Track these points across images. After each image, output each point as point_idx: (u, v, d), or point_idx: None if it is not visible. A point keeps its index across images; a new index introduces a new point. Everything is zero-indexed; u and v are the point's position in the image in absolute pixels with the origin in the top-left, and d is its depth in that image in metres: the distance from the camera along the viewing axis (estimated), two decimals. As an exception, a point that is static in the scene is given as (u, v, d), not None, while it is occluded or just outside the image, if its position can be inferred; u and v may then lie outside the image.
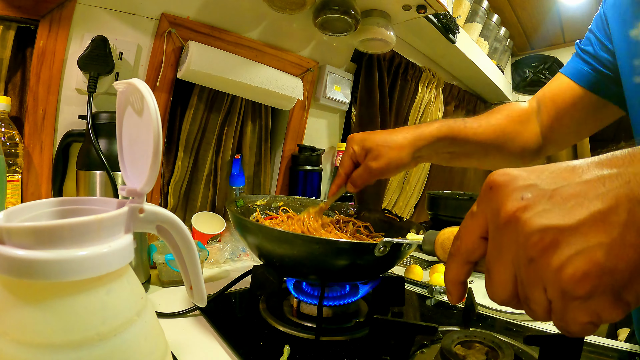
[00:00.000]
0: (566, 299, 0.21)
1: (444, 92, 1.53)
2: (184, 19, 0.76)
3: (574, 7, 1.73)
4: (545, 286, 0.22)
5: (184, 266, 0.32)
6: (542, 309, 0.23)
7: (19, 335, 0.21)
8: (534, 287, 0.22)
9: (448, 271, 0.29)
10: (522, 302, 0.24)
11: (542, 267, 0.21)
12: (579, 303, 0.21)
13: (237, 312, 0.57)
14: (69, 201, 0.29)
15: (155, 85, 0.76)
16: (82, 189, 0.63)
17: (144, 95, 0.26)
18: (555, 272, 0.21)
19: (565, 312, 0.22)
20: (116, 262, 0.24)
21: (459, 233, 0.28)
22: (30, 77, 0.63)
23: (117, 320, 0.24)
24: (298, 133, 1.07)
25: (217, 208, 0.97)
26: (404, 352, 0.40)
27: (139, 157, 0.28)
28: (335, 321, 0.54)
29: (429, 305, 0.66)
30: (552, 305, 0.22)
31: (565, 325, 0.22)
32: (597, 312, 0.21)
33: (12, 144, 0.60)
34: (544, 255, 0.21)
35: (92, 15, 0.67)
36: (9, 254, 0.21)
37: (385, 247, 0.45)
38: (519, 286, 0.24)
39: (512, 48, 2.03)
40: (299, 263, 0.50)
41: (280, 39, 0.93)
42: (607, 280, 0.20)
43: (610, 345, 0.53)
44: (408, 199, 1.51)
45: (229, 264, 0.81)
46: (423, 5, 0.90)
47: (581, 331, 0.22)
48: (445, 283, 0.29)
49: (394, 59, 1.24)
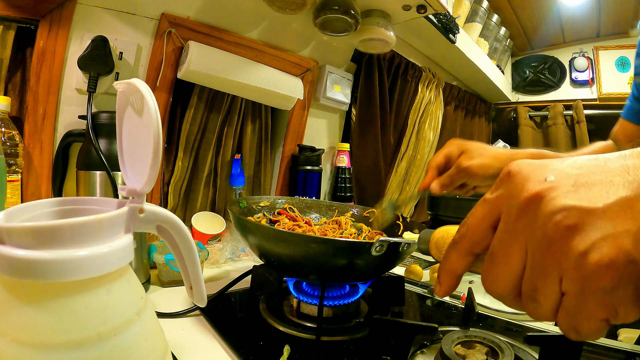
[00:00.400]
0: (587, 289, 0.19)
1: (444, 92, 1.53)
2: (184, 19, 0.76)
3: (574, 7, 1.73)
4: (563, 274, 0.20)
5: (184, 266, 0.32)
6: (550, 302, 0.21)
7: (19, 335, 0.21)
8: (547, 276, 0.20)
9: (446, 260, 0.27)
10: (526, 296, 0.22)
11: (563, 250, 0.20)
12: (600, 295, 0.19)
13: (237, 312, 0.57)
14: (69, 201, 0.29)
15: (155, 85, 0.76)
16: (82, 189, 0.63)
17: (144, 95, 0.26)
18: (577, 257, 0.19)
19: (581, 306, 0.20)
20: (116, 262, 0.24)
21: (466, 220, 0.25)
22: (30, 77, 0.63)
23: (117, 320, 0.24)
24: (298, 133, 1.07)
25: (217, 208, 0.97)
26: (404, 352, 0.40)
27: (139, 157, 0.28)
28: (335, 321, 0.54)
29: (429, 305, 0.66)
30: (564, 298, 0.20)
31: (577, 323, 0.20)
32: (615, 308, 0.19)
33: (12, 144, 0.60)
34: (567, 237, 0.19)
35: (92, 15, 0.67)
36: (9, 254, 0.21)
37: (382, 245, 0.45)
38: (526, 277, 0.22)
39: (512, 48, 2.03)
40: (298, 262, 0.50)
41: (280, 39, 0.93)
42: (632, 270, 0.18)
43: (610, 345, 0.53)
44: (408, 198, 1.51)
45: (229, 264, 0.81)
46: (423, 5, 0.90)
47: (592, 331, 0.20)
48: (439, 271, 0.27)
49: (394, 59, 1.24)
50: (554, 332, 0.58)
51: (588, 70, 1.94)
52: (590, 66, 1.94)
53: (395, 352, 0.40)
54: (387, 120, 1.26)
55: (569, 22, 1.85)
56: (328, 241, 0.47)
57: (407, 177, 1.48)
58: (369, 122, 1.20)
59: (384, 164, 1.28)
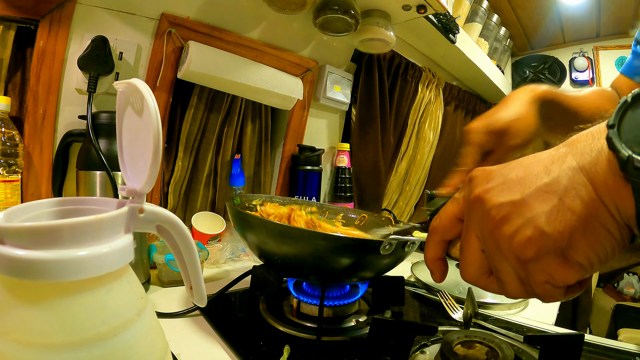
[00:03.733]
0: (521, 262, 0.24)
1: (444, 92, 1.52)
2: (184, 19, 0.76)
3: (574, 7, 1.73)
4: (505, 255, 0.25)
5: (184, 266, 0.32)
6: (512, 278, 0.25)
7: (19, 335, 0.21)
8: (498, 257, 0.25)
9: (426, 249, 0.32)
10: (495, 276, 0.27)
11: (499, 237, 0.25)
12: (533, 265, 0.24)
13: (237, 312, 0.57)
14: (69, 201, 0.29)
15: (155, 85, 0.76)
16: (82, 189, 0.63)
17: (144, 95, 0.26)
18: (508, 240, 0.24)
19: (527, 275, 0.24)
20: (116, 262, 0.24)
21: (438, 214, 0.31)
22: (30, 77, 0.63)
23: (117, 320, 0.24)
24: (298, 133, 1.07)
25: (217, 208, 0.97)
26: (404, 352, 0.40)
27: (139, 157, 0.28)
28: (336, 321, 0.54)
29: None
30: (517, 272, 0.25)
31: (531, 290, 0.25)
32: (548, 272, 0.23)
33: (12, 144, 0.60)
34: (500, 227, 0.25)
35: (92, 15, 0.67)
36: (9, 254, 0.20)
37: (392, 244, 0.44)
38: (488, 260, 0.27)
39: (512, 48, 2.03)
40: (302, 260, 0.49)
41: (280, 39, 0.93)
42: (547, 242, 0.23)
43: (610, 345, 0.53)
44: (408, 199, 1.51)
45: (229, 264, 0.81)
46: (423, 5, 0.90)
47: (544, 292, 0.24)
48: (425, 262, 0.32)
49: (394, 59, 1.24)
50: (554, 332, 0.58)
51: (588, 70, 1.94)
52: (590, 66, 1.94)
53: (395, 352, 0.40)
54: (387, 120, 1.26)
55: (569, 22, 1.86)
56: (337, 238, 0.46)
57: (407, 177, 1.48)
58: (369, 122, 1.20)
59: (384, 164, 1.28)
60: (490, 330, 0.53)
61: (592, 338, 0.54)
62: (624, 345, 0.53)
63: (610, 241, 0.22)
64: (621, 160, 0.20)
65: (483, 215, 0.26)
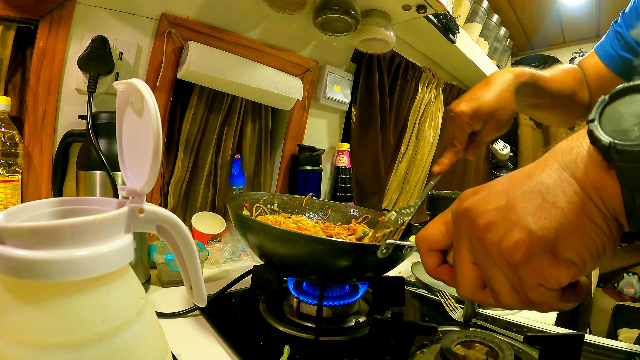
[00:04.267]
0: (511, 267, 0.23)
1: (444, 92, 1.52)
2: (184, 19, 0.76)
3: (574, 7, 1.73)
4: (495, 262, 0.24)
5: (184, 266, 0.32)
6: (505, 287, 0.25)
7: (19, 335, 0.21)
8: (489, 266, 0.25)
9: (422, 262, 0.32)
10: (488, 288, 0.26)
11: (488, 243, 0.24)
12: (523, 268, 0.23)
13: (237, 312, 0.57)
14: (69, 201, 0.29)
15: (155, 85, 0.76)
16: (82, 189, 0.63)
17: (144, 95, 0.26)
18: (496, 245, 0.24)
19: (519, 281, 0.24)
20: (116, 262, 0.24)
21: (426, 226, 0.31)
22: (30, 77, 0.63)
23: (117, 320, 0.24)
24: (298, 133, 1.07)
25: (217, 208, 0.97)
26: (404, 352, 0.40)
27: (139, 157, 0.28)
28: (335, 321, 0.54)
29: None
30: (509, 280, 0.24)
31: (525, 297, 0.24)
32: (540, 273, 0.23)
33: (12, 144, 0.60)
34: (486, 233, 0.24)
35: (92, 15, 0.67)
36: (8, 254, 0.20)
37: (388, 249, 0.45)
38: (481, 271, 0.26)
39: (512, 48, 2.03)
40: (300, 263, 0.50)
41: (280, 39, 0.93)
42: (535, 241, 0.22)
43: (610, 345, 0.53)
44: (408, 199, 1.51)
45: (229, 264, 0.81)
46: (423, 5, 0.90)
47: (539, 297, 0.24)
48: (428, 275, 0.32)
49: (394, 59, 1.24)
50: (554, 332, 0.58)
51: (588, 70, 1.94)
52: (590, 66, 1.94)
53: (395, 352, 0.40)
54: (387, 120, 1.26)
55: (569, 22, 1.86)
56: (334, 243, 0.47)
57: (407, 177, 1.48)
58: (369, 122, 1.20)
59: (384, 164, 1.28)
60: (490, 330, 0.53)
61: (592, 338, 0.54)
62: (624, 345, 0.53)
63: (598, 234, 0.22)
64: (603, 147, 0.21)
65: (471, 224, 0.26)
